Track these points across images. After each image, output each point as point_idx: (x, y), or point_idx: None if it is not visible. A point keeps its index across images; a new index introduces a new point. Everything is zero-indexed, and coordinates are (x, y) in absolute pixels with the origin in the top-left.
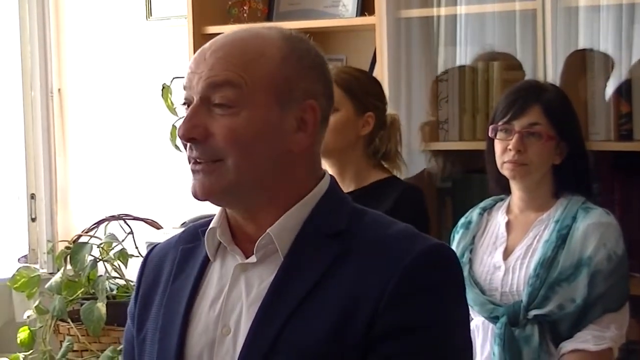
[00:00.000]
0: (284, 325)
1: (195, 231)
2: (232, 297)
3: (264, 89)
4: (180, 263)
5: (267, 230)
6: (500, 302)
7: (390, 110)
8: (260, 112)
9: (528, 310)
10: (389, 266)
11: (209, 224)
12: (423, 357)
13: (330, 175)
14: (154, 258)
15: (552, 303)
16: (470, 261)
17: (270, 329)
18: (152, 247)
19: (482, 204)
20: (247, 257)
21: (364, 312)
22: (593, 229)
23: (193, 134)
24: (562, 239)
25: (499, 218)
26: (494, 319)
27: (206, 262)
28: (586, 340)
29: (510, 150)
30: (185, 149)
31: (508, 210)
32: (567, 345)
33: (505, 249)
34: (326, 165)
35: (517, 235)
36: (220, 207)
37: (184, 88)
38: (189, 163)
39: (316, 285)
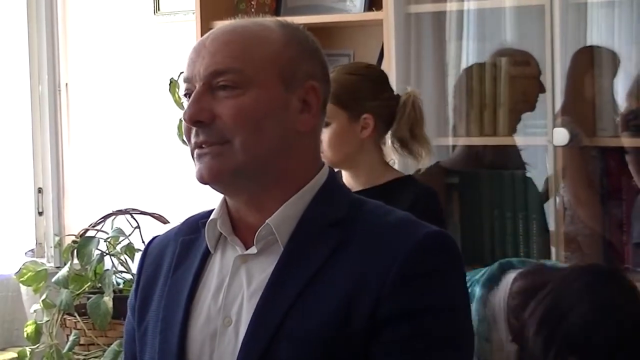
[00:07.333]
0: (285, 314)
1: (195, 223)
2: (233, 288)
3: (268, 69)
4: (180, 255)
5: (267, 221)
6: None
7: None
8: (266, 91)
9: None
10: (391, 252)
11: (208, 216)
12: (426, 340)
13: (330, 167)
14: (154, 250)
15: None
16: None
17: (272, 318)
18: (152, 240)
19: None
20: (247, 248)
21: (366, 298)
22: None
23: (200, 116)
24: None
25: None
26: None
27: (207, 254)
28: None
29: None
30: (188, 137)
31: None
32: None
33: None
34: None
35: None
36: (224, 194)
37: (185, 80)
38: (193, 150)
39: (317, 274)
